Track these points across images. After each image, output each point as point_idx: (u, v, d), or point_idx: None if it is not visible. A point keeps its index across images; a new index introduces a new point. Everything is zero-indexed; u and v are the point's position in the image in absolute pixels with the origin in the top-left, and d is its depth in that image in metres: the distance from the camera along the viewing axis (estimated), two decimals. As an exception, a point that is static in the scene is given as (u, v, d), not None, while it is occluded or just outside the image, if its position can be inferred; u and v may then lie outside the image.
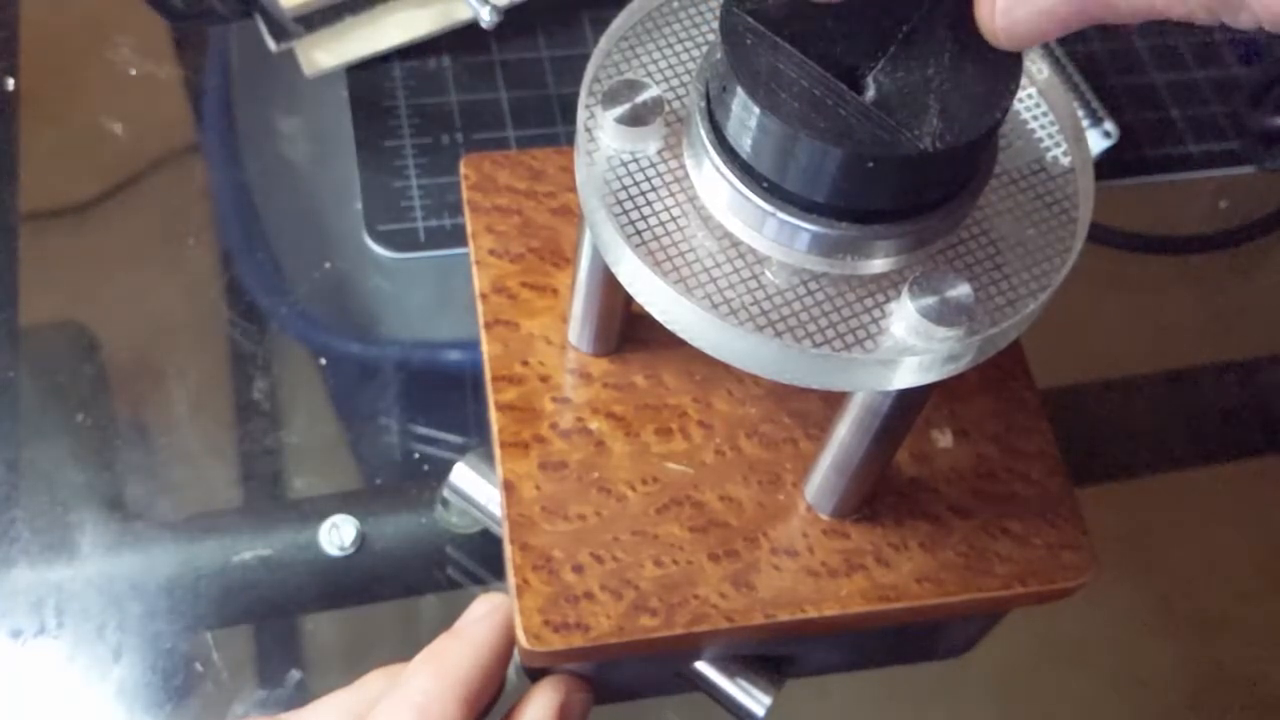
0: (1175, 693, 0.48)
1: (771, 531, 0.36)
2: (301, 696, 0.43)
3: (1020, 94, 0.32)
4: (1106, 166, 0.57)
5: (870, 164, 0.25)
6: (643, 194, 0.29)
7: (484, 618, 0.36)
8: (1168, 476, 0.52)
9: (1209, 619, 0.50)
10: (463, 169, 0.40)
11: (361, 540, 0.45)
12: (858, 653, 0.44)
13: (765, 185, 0.27)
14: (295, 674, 0.44)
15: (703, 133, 0.28)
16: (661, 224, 0.29)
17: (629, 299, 0.33)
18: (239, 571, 0.45)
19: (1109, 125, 0.56)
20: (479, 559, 0.46)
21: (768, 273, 0.28)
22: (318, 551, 0.45)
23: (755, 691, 0.39)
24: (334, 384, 0.50)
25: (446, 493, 0.43)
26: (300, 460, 0.48)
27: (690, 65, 0.31)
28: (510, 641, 0.36)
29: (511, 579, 0.34)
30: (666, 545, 0.35)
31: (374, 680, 0.36)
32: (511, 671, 0.37)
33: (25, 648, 0.43)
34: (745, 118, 0.26)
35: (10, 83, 0.55)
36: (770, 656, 0.39)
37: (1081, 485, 0.38)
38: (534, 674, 0.39)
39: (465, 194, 0.40)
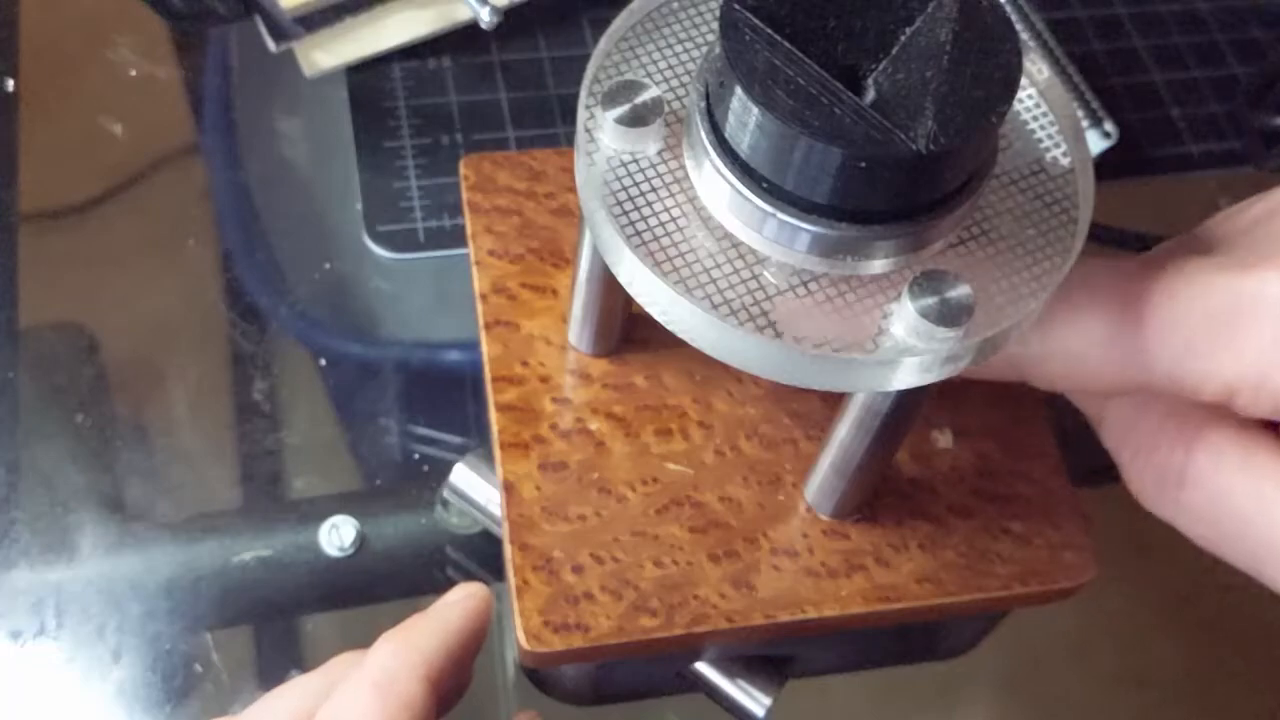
0: (1175, 693, 0.48)
1: (771, 532, 0.36)
2: (301, 697, 0.43)
3: (1020, 94, 0.32)
4: (1106, 166, 0.57)
5: (866, 165, 0.25)
6: (642, 194, 0.29)
7: (458, 602, 0.36)
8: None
9: (1209, 619, 0.50)
10: (462, 169, 0.40)
11: (361, 541, 0.45)
12: (858, 653, 0.44)
13: (765, 186, 0.27)
14: (295, 674, 0.44)
15: (702, 133, 0.28)
16: (661, 224, 0.29)
17: (629, 299, 0.33)
18: (239, 572, 0.45)
19: (1109, 125, 0.56)
20: (479, 559, 0.46)
21: (767, 273, 0.28)
22: (318, 552, 0.45)
23: (755, 692, 0.39)
24: (334, 384, 0.50)
25: (446, 493, 0.43)
26: (300, 461, 0.48)
27: (690, 65, 0.31)
28: (481, 631, 0.36)
29: (511, 579, 0.34)
30: (666, 546, 0.35)
31: (340, 662, 0.35)
32: (511, 672, 0.37)
33: (25, 649, 0.43)
34: (744, 117, 0.26)
35: (10, 83, 0.55)
36: (770, 657, 0.39)
37: (1081, 485, 0.38)
38: (534, 675, 0.39)
39: (465, 195, 0.40)
